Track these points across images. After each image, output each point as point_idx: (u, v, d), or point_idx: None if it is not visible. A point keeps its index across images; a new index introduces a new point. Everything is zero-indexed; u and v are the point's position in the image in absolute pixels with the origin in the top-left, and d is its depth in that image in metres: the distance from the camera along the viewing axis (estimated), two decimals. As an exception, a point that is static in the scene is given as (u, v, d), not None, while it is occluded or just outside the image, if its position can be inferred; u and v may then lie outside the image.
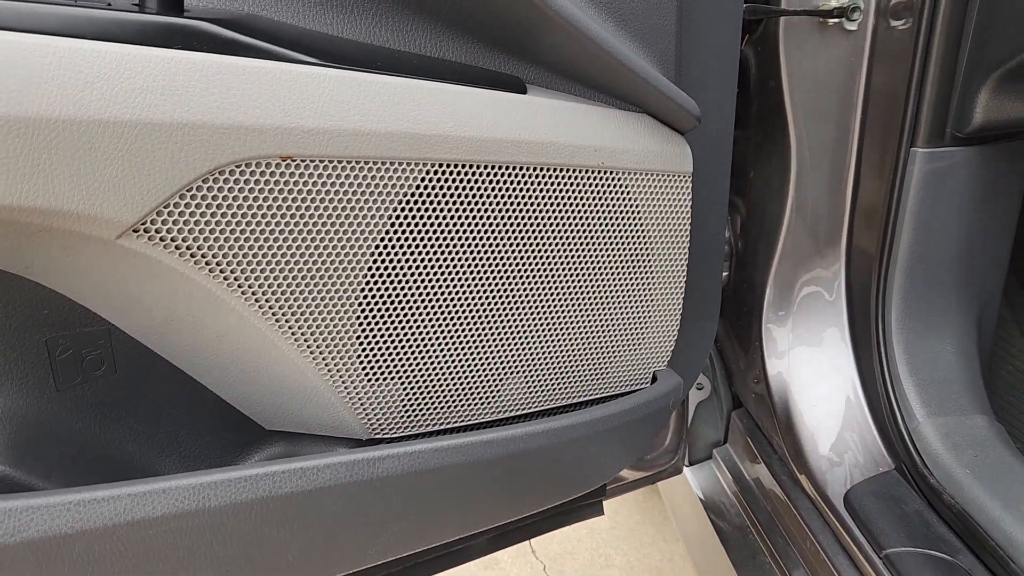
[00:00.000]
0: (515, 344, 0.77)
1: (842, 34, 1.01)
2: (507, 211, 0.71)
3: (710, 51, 0.85)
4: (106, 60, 0.52)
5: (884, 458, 1.03)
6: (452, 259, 0.70)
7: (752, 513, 1.21)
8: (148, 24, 0.54)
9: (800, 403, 1.09)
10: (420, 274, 0.68)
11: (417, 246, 0.67)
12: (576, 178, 0.73)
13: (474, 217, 0.69)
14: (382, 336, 0.69)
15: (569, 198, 0.74)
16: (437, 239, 0.68)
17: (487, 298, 0.73)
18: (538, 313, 0.77)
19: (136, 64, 0.53)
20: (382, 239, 0.65)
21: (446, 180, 0.66)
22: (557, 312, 0.78)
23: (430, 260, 0.68)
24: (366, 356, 0.69)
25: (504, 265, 0.73)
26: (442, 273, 0.70)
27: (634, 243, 0.80)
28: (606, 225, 0.77)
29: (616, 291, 0.81)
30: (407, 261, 0.67)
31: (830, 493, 1.02)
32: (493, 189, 0.69)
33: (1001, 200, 1.02)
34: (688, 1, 0.81)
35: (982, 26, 0.90)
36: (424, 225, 0.67)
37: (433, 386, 0.74)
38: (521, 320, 0.76)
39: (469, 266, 0.71)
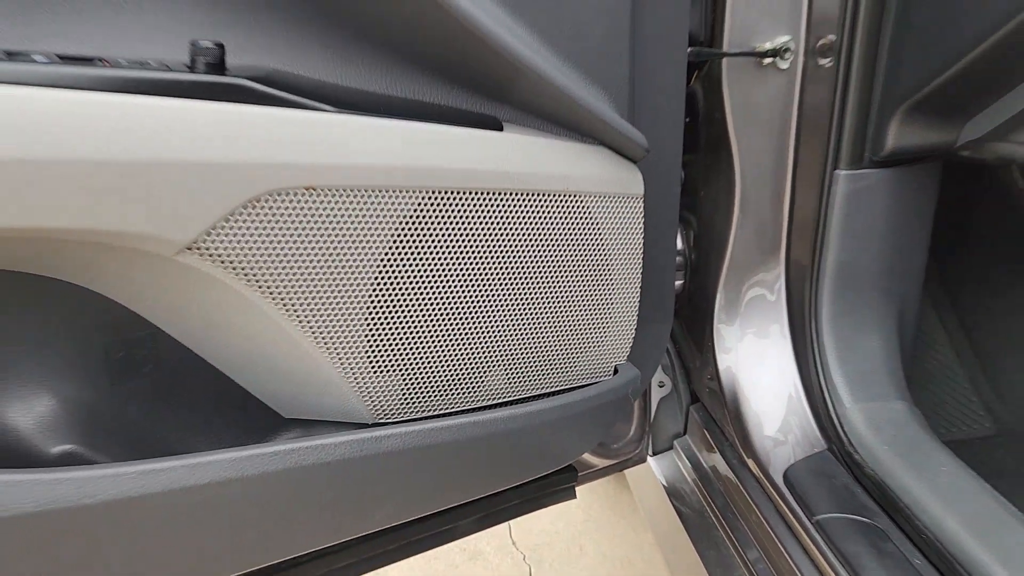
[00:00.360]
0: (496, 341, 0.90)
1: (776, 72, 1.16)
2: (489, 228, 0.85)
3: (659, 91, 1.00)
4: (169, 112, 0.65)
5: (818, 439, 1.18)
6: (445, 269, 0.83)
7: (709, 496, 1.35)
8: (199, 82, 0.67)
9: (747, 393, 1.23)
10: (418, 282, 0.82)
11: (415, 259, 0.81)
12: (547, 200, 0.87)
13: (462, 234, 0.83)
14: (386, 335, 0.82)
15: (541, 217, 0.88)
16: (432, 252, 0.82)
17: (474, 302, 0.87)
18: (515, 314, 0.91)
19: (191, 115, 0.66)
20: (387, 253, 0.78)
21: (438, 203, 0.80)
22: (531, 313, 0.92)
23: (426, 270, 0.82)
24: (374, 352, 0.82)
25: (487, 273, 0.87)
26: (436, 281, 0.83)
27: (595, 254, 0.94)
28: (572, 239, 0.91)
29: (581, 296, 0.95)
30: (407, 272, 0.81)
31: (772, 472, 1.17)
32: (477, 210, 0.83)
33: (915, 215, 1.17)
34: (640, 50, 0.96)
35: (891, 65, 1.06)
36: (421, 241, 0.80)
37: (428, 378, 0.87)
38: (501, 320, 0.90)
39: (459, 274, 0.84)
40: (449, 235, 0.82)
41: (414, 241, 0.80)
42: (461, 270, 0.84)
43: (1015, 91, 0.98)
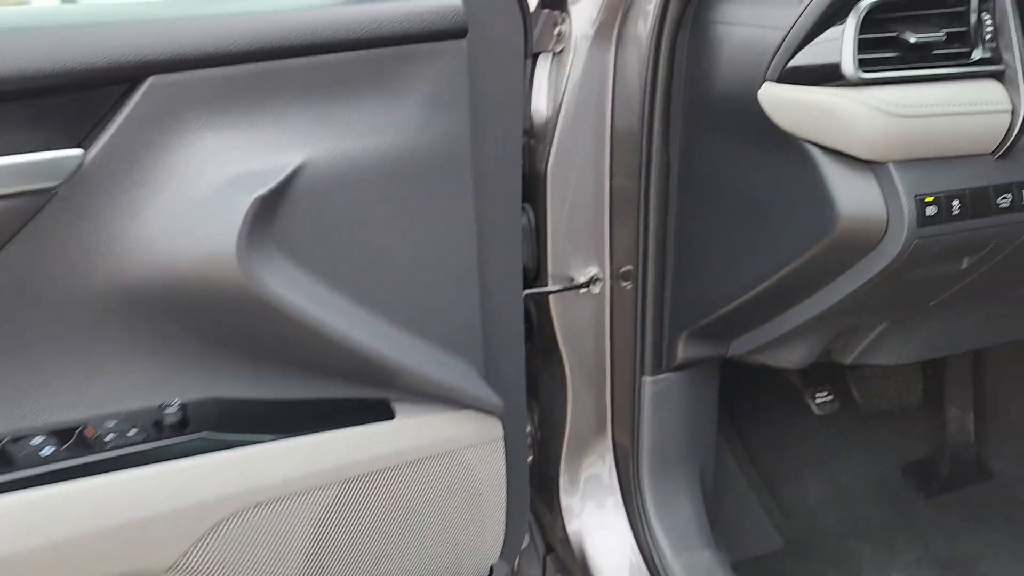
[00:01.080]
0: (397, 565, 1.14)
1: (590, 296, 1.47)
2: (390, 490, 1.09)
3: (504, 346, 1.28)
4: (149, 478, 0.86)
5: (651, 587, 1.49)
6: (358, 528, 1.06)
7: None
8: (173, 444, 0.89)
9: (592, 554, 1.52)
10: (339, 541, 1.04)
11: (337, 527, 1.04)
12: (431, 459, 1.13)
13: (371, 500, 1.07)
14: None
15: (428, 471, 1.13)
16: (349, 519, 1.05)
17: (380, 543, 1.10)
18: (413, 543, 1.15)
19: (165, 474, 0.87)
20: (316, 529, 1.01)
21: (352, 486, 1.04)
22: (426, 539, 1.17)
23: (345, 532, 1.05)
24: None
25: (390, 522, 1.10)
26: (352, 537, 1.06)
27: (470, 486, 1.20)
28: (451, 480, 1.17)
29: (462, 517, 1.21)
30: (331, 538, 1.03)
31: None
32: (380, 482, 1.07)
33: (703, 401, 1.53)
34: (490, 323, 1.23)
35: (674, 303, 1.40)
36: (341, 514, 1.03)
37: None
38: (401, 551, 1.14)
39: (368, 529, 1.08)
40: (361, 504, 1.06)
41: (335, 515, 1.03)
42: (370, 526, 1.08)
43: (757, 329, 1.35)
